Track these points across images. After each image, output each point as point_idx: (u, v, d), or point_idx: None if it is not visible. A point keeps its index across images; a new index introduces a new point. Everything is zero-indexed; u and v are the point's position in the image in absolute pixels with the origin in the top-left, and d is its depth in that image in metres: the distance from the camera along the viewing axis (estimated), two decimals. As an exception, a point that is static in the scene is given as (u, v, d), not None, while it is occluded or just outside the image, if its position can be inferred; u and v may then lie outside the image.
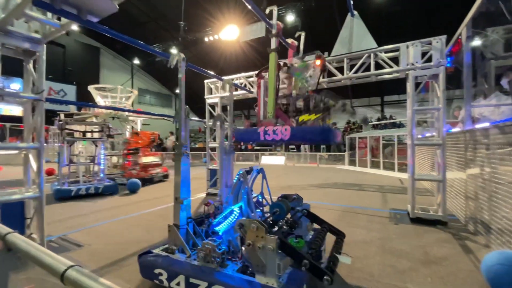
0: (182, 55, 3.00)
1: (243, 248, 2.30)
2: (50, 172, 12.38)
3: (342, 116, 28.20)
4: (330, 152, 19.22)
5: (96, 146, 8.48)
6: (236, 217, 2.61)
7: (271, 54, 3.30)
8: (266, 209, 3.54)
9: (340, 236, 2.98)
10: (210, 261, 2.30)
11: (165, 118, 9.35)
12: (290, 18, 16.14)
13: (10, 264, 1.85)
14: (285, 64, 3.53)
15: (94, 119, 11.66)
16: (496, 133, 3.47)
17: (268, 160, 20.23)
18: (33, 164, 3.72)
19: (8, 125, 20.53)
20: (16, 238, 1.62)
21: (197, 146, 27.37)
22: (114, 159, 13.56)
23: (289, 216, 2.97)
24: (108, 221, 5.20)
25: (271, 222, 2.67)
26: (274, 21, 3.47)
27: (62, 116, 14.33)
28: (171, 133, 31.04)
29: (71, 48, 25.31)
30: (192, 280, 2.22)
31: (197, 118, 23.83)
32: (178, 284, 2.29)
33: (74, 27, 13.79)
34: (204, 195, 7.67)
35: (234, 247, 2.64)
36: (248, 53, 20.48)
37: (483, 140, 3.92)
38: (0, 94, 3.37)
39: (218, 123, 3.85)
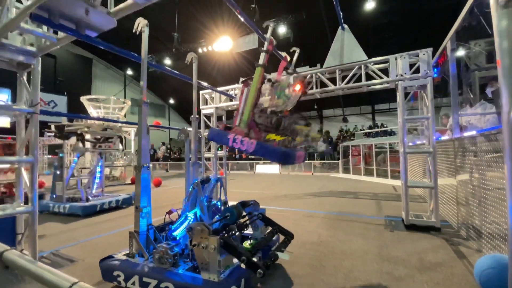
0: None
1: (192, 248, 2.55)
2: (40, 185, 12.07)
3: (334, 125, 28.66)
4: (324, 160, 19.38)
5: (101, 157, 8.33)
6: (190, 222, 2.92)
7: (257, 68, 3.41)
8: None
9: (288, 236, 3.22)
10: (163, 262, 2.55)
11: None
12: (282, 30, 16.52)
13: (7, 281, 1.82)
14: (269, 80, 3.67)
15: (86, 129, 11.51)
16: (482, 140, 3.61)
17: (262, 169, 20.24)
18: (26, 178, 3.66)
19: (-6, 137, 20.03)
20: (14, 255, 1.60)
21: (190, 156, 27.14)
22: (107, 170, 13.36)
23: (245, 219, 3.24)
24: (103, 235, 5.10)
25: (222, 225, 2.90)
26: (268, 35, 3.58)
27: (53, 127, 14.12)
28: (163, 143, 30.86)
29: (62, 58, 25.11)
30: (144, 279, 2.48)
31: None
32: (133, 283, 2.54)
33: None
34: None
35: (189, 249, 2.85)
36: (241, 64, 20.77)
37: (471, 148, 4.06)
38: (-7, 107, 3.32)
39: (183, 136, 3.95)
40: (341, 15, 5.43)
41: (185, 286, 2.32)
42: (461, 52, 5.32)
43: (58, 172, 7.52)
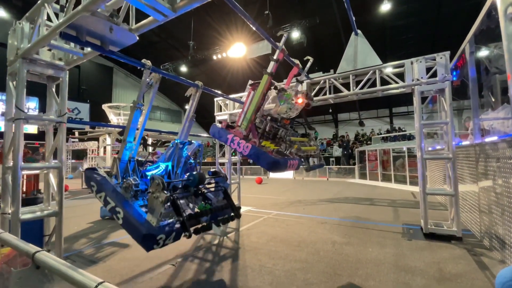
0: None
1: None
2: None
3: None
4: (340, 166, 19.06)
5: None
6: (160, 171, 3.43)
7: (264, 75, 3.50)
8: None
9: (232, 216, 3.40)
10: (127, 191, 2.94)
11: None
12: (295, 35, 16.58)
13: (37, 281, 1.97)
14: (275, 87, 3.76)
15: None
16: (505, 146, 3.47)
17: (277, 174, 20.19)
18: (53, 182, 3.92)
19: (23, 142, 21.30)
20: (45, 256, 1.74)
21: (205, 160, 27.59)
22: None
23: (210, 186, 3.58)
24: (121, 238, 5.31)
25: (182, 184, 3.28)
26: (281, 44, 3.66)
27: (76, 133, 14.87)
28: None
29: (86, 68, 26.48)
30: (108, 198, 2.94)
31: (206, 134, 24.17)
32: (100, 197, 3.03)
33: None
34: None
35: None
36: (255, 70, 20.98)
37: (493, 154, 3.90)
38: (25, 118, 3.59)
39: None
40: (354, 19, 5.42)
41: (130, 217, 2.71)
42: (480, 55, 5.14)
43: None
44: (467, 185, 5.33)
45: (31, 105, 20.82)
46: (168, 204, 2.72)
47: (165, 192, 2.63)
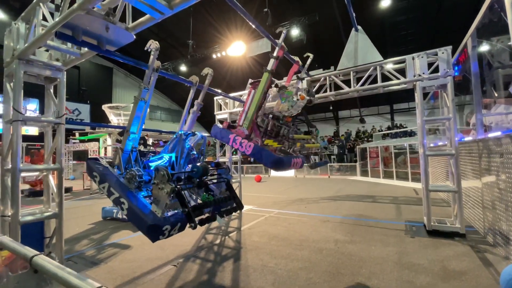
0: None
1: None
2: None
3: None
4: (341, 163, 19.02)
5: None
6: (163, 162, 3.43)
7: (265, 73, 3.46)
8: None
9: (237, 207, 3.43)
10: (131, 182, 2.94)
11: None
12: (295, 32, 16.49)
13: (35, 285, 1.94)
14: (276, 85, 3.72)
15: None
16: (509, 142, 3.41)
17: (277, 172, 20.15)
18: (53, 184, 3.89)
19: (24, 144, 21.33)
20: (43, 260, 1.70)
21: (206, 159, 27.58)
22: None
23: (212, 178, 3.59)
24: (123, 239, 5.29)
25: (186, 175, 3.23)
26: (280, 41, 3.61)
27: (77, 134, 14.88)
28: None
29: (85, 69, 26.45)
30: (111, 189, 2.91)
31: (207, 134, 24.17)
32: (103, 188, 3.00)
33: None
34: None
35: None
36: (254, 68, 20.92)
37: (497, 149, 3.85)
38: (22, 119, 3.56)
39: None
40: (354, 15, 5.36)
41: (135, 208, 2.70)
42: (483, 49, 5.07)
43: None
44: (470, 181, 5.28)
45: (32, 107, 20.80)
46: (173, 195, 2.70)
47: (171, 183, 2.61)
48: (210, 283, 3.38)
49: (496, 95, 4.79)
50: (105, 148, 13.76)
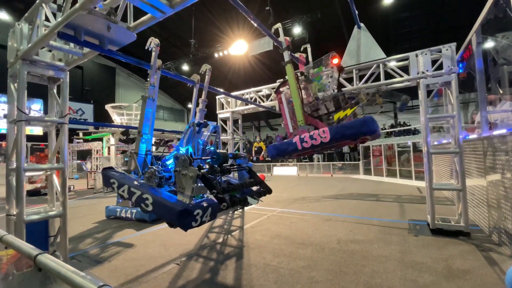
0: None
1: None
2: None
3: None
4: (344, 162, 18.95)
5: None
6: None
7: (287, 67, 3.42)
8: None
9: (265, 192, 3.49)
10: (151, 181, 2.98)
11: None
12: (297, 30, 16.42)
13: (39, 283, 1.96)
14: (301, 74, 3.65)
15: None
16: (514, 140, 3.37)
17: (280, 171, 20.16)
18: (57, 183, 3.92)
19: (29, 144, 21.51)
20: (47, 259, 1.72)
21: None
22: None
23: (232, 167, 3.55)
24: (126, 237, 5.33)
25: (207, 164, 3.19)
26: (281, 37, 3.59)
27: (81, 134, 14.99)
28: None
29: (89, 69, 26.64)
30: (132, 189, 2.94)
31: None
32: (123, 191, 3.04)
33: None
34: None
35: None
36: (256, 67, 20.88)
37: (502, 147, 3.81)
38: (26, 119, 3.59)
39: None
40: (357, 13, 5.32)
41: (161, 199, 2.67)
42: (487, 46, 5.01)
43: None
44: (475, 180, 5.23)
45: (36, 107, 21.01)
46: (198, 181, 2.65)
47: (194, 165, 2.57)
48: (213, 282, 3.39)
49: (501, 92, 4.73)
50: (109, 148, 13.84)
